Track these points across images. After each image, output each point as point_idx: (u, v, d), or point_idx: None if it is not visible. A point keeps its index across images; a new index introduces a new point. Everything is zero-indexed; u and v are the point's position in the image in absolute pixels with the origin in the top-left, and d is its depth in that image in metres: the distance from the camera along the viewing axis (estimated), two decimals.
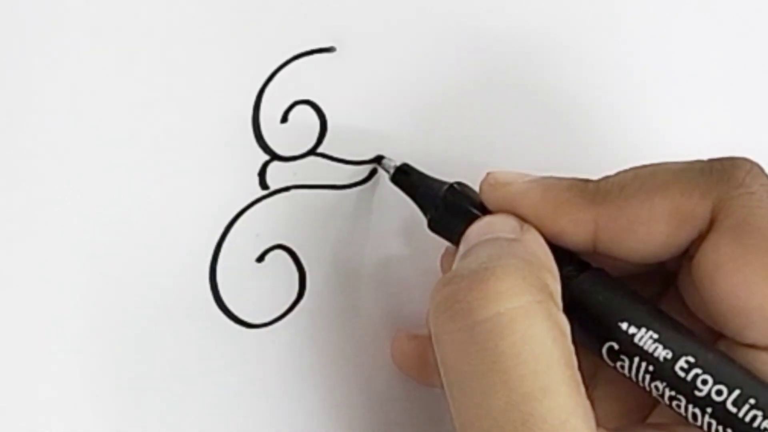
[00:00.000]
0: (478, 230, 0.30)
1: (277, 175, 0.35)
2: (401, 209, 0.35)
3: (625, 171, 0.30)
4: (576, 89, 0.37)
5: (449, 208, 0.32)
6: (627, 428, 0.30)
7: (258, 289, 0.34)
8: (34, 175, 0.33)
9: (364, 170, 0.35)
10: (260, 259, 0.34)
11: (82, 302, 0.33)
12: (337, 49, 0.35)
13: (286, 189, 0.35)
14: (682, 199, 0.29)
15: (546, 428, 0.26)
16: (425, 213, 0.32)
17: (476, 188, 0.32)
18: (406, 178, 0.34)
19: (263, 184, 0.34)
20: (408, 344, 0.34)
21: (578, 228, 0.30)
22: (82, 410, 0.33)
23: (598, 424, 0.27)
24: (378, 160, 0.35)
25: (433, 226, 0.32)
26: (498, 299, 0.26)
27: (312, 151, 0.35)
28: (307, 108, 0.35)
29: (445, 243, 0.33)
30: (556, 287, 0.28)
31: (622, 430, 0.30)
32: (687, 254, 0.29)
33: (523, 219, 0.30)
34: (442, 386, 0.28)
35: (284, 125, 0.35)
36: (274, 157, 0.35)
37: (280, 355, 0.34)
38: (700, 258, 0.29)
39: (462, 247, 0.30)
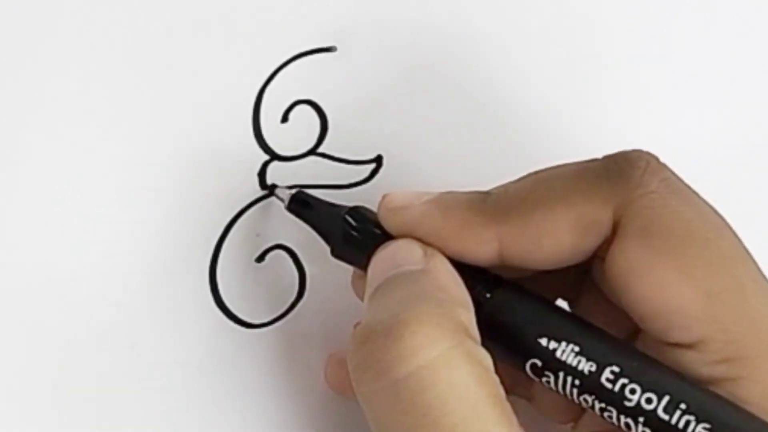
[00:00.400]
0: (382, 262, 0.29)
1: (278, 175, 0.35)
2: None
3: (523, 179, 0.30)
4: (581, 85, 0.37)
5: (349, 236, 0.31)
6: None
7: (258, 289, 0.34)
8: (34, 176, 0.33)
9: (365, 170, 0.35)
10: (260, 259, 0.34)
11: (82, 302, 0.33)
12: (338, 48, 0.35)
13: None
14: (583, 207, 0.28)
15: None
16: (327, 242, 0.32)
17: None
18: (303, 206, 0.32)
19: (263, 184, 0.34)
20: (341, 369, 0.33)
21: (482, 247, 0.29)
22: (82, 409, 0.33)
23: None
24: (271, 188, 0.34)
25: (336, 255, 0.31)
26: (416, 353, 0.26)
27: (312, 151, 0.35)
28: (308, 108, 0.35)
29: None
30: (471, 318, 0.28)
31: None
32: (598, 255, 0.29)
33: (426, 242, 0.29)
34: None
35: (284, 125, 0.35)
36: (274, 156, 0.35)
37: (280, 355, 0.34)
38: (611, 264, 0.28)
39: (370, 278, 0.29)
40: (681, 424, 0.26)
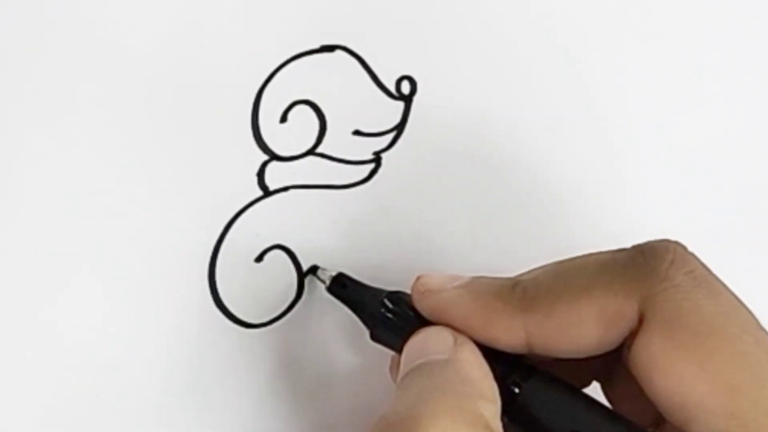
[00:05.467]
0: (412, 350, 0.30)
1: (276, 175, 0.35)
2: (401, 209, 0.35)
3: (551, 267, 0.30)
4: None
5: (387, 322, 0.31)
6: None
7: (257, 288, 0.34)
8: (35, 176, 0.33)
9: (363, 170, 0.35)
10: (259, 259, 0.34)
11: (81, 301, 0.33)
12: (337, 48, 0.35)
13: (285, 189, 0.35)
14: (607, 300, 0.28)
15: None
16: (366, 325, 0.32)
17: None
18: (343, 289, 0.33)
19: (262, 184, 0.34)
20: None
21: (510, 335, 0.29)
22: (81, 410, 0.33)
23: None
24: (313, 269, 0.35)
25: (375, 339, 0.32)
26: None
27: (311, 151, 0.35)
28: (307, 108, 0.35)
29: None
30: (494, 412, 0.28)
31: None
32: (625, 345, 0.29)
33: (455, 328, 0.30)
34: None
35: (283, 125, 0.35)
36: (273, 157, 0.35)
37: (279, 355, 0.34)
38: (634, 356, 0.28)
39: (401, 366, 0.30)
40: None
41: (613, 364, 0.31)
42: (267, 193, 0.35)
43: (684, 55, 0.38)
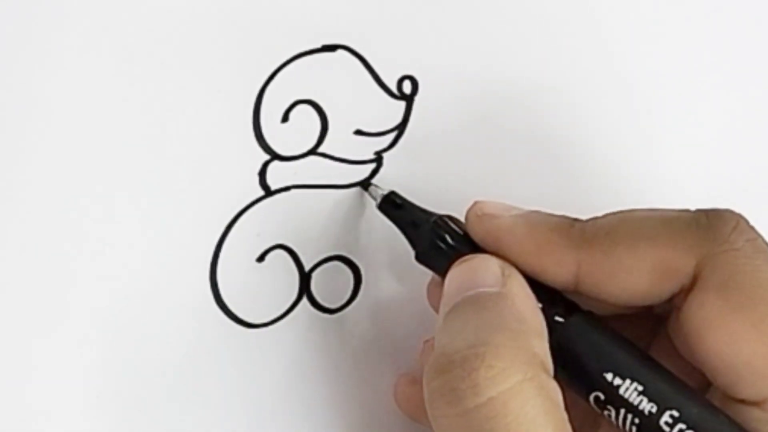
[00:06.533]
0: (459, 279, 0.30)
1: (278, 174, 0.35)
2: None
3: (614, 214, 0.30)
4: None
5: (435, 243, 0.31)
6: None
7: (258, 288, 0.34)
8: (32, 176, 0.33)
9: (365, 170, 0.35)
10: (261, 258, 0.34)
11: (81, 301, 0.33)
12: (338, 48, 0.35)
13: (287, 189, 0.35)
14: (666, 251, 0.29)
15: None
16: (412, 245, 0.32)
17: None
18: (393, 207, 0.33)
19: (263, 184, 0.34)
20: (410, 389, 0.34)
21: (561, 269, 0.29)
22: (82, 410, 0.33)
23: None
24: (365, 185, 0.34)
25: (420, 260, 0.32)
26: (489, 385, 0.27)
27: (312, 151, 0.35)
28: (308, 107, 0.35)
29: None
30: (545, 349, 0.28)
31: None
32: (673, 304, 0.29)
33: (505, 256, 0.30)
34: None
35: (285, 125, 0.35)
36: (275, 156, 0.35)
37: (280, 355, 0.34)
38: (687, 313, 0.29)
39: (446, 293, 0.30)
40: None
41: (652, 330, 0.31)
42: (268, 192, 0.35)
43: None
